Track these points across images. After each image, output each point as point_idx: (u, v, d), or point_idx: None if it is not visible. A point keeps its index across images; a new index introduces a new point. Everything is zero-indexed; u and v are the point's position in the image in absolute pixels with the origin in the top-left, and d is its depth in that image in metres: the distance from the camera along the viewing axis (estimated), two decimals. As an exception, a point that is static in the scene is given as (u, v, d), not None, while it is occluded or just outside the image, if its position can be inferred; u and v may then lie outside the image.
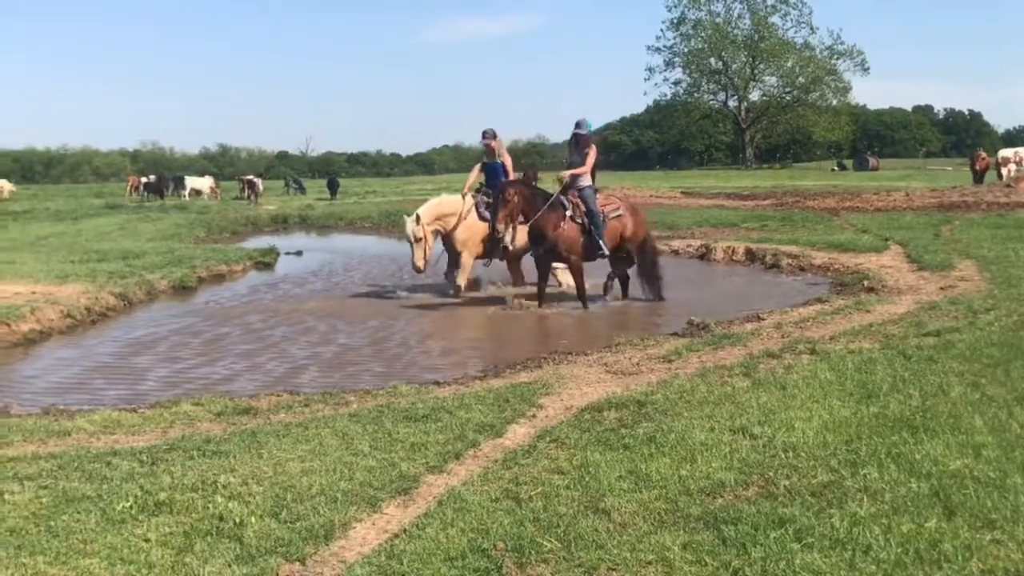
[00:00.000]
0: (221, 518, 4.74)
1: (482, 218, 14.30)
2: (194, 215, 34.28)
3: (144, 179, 55.12)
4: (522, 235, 13.23)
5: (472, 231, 14.35)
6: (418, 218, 14.06)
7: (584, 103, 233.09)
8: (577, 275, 13.05)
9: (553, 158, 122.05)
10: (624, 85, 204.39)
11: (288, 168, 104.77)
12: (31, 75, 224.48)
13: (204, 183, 54.25)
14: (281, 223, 34.62)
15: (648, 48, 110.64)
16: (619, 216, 13.43)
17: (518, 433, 6.26)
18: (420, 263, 14.10)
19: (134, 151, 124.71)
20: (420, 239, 14.01)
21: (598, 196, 13.34)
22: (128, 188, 56.14)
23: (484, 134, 14.74)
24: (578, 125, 13.33)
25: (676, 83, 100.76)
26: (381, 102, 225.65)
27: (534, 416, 6.68)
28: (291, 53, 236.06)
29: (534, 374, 8.33)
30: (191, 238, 25.88)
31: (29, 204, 46.57)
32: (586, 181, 13.14)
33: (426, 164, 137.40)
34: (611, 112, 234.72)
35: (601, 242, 12.88)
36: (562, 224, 12.64)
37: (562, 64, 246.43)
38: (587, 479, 5.10)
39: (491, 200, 13.82)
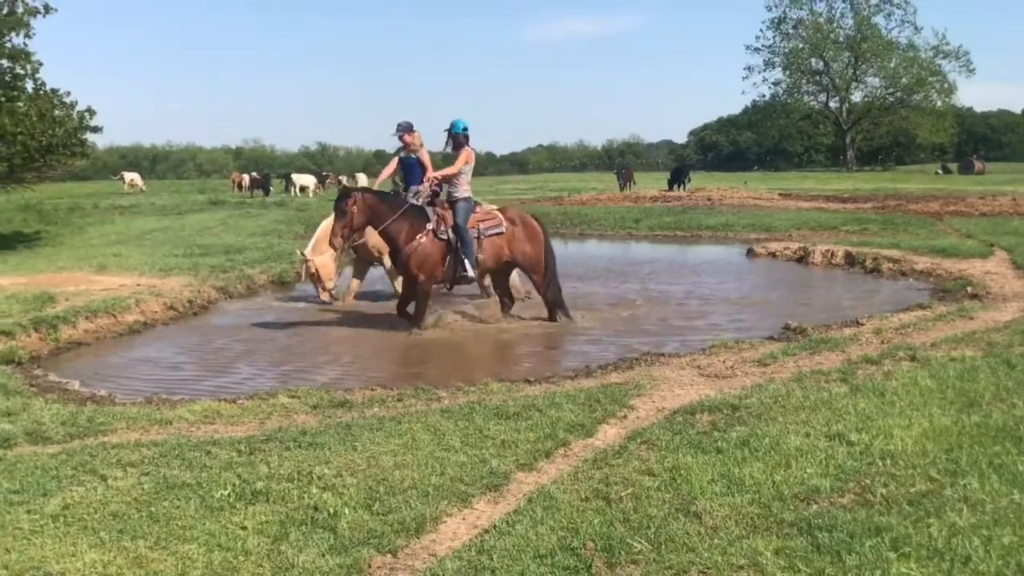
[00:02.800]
0: (316, 508, 4.83)
1: None
2: (293, 212, 34.85)
3: (248, 175, 57.02)
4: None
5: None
6: (304, 257, 13.47)
7: (680, 102, 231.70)
8: (421, 296, 11.58)
9: (648, 158, 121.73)
10: (721, 85, 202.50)
11: (384, 166, 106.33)
12: (140, 74, 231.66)
13: (309, 180, 55.75)
14: (377, 220, 34.95)
15: (747, 48, 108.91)
16: (500, 233, 11.85)
17: (609, 433, 6.25)
18: (324, 296, 13.29)
19: (236, 148, 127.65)
20: (312, 274, 13.41)
21: (477, 210, 11.96)
22: (232, 185, 57.92)
23: (398, 127, 12.96)
24: (452, 126, 11.99)
25: (775, 83, 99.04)
26: (476, 101, 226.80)
27: (625, 417, 6.66)
28: (389, 52, 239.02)
29: (625, 375, 8.29)
30: (290, 234, 26.31)
31: (135, 199, 47.95)
32: (462, 192, 11.76)
33: (520, 164, 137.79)
34: (708, 112, 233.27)
35: (467, 262, 11.47)
36: (419, 237, 11.32)
37: (658, 64, 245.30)
38: (678, 481, 5.07)
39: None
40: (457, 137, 11.94)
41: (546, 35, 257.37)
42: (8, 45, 23.41)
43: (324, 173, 64.31)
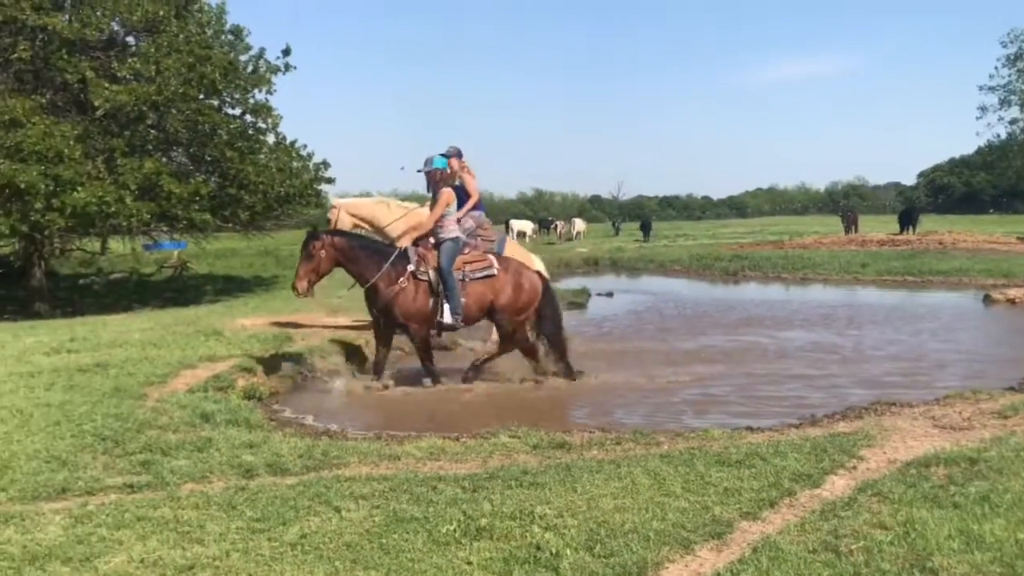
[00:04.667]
0: (538, 547, 4.88)
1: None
2: (512, 256, 35.55)
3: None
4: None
5: None
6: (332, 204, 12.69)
7: (908, 143, 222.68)
8: (420, 346, 10.91)
9: (875, 201, 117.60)
10: (953, 124, 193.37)
11: (599, 211, 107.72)
12: (365, 124, 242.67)
13: (527, 225, 57.06)
14: (592, 265, 35.34)
15: (980, 88, 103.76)
16: (489, 277, 10.94)
17: (837, 484, 6.04)
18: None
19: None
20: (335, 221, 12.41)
21: (467, 251, 11.13)
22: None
23: (447, 151, 12.15)
24: (425, 163, 11.21)
25: (1012, 122, 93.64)
26: (693, 144, 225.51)
27: (854, 468, 6.42)
28: (604, 98, 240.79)
29: (854, 425, 7.99)
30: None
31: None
32: (448, 232, 10.92)
33: (739, 207, 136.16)
34: (939, 152, 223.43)
35: (447, 306, 10.63)
36: (401, 281, 10.58)
37: (885, 103, 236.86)
38: (912, 536, 4.84)
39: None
40: (435, 175, 11.20)
41: (760, 77, 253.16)
42: (251, 100, 25.16)
43: (549, 219, 65.34)
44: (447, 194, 10.96)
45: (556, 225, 58.21)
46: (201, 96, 23.27)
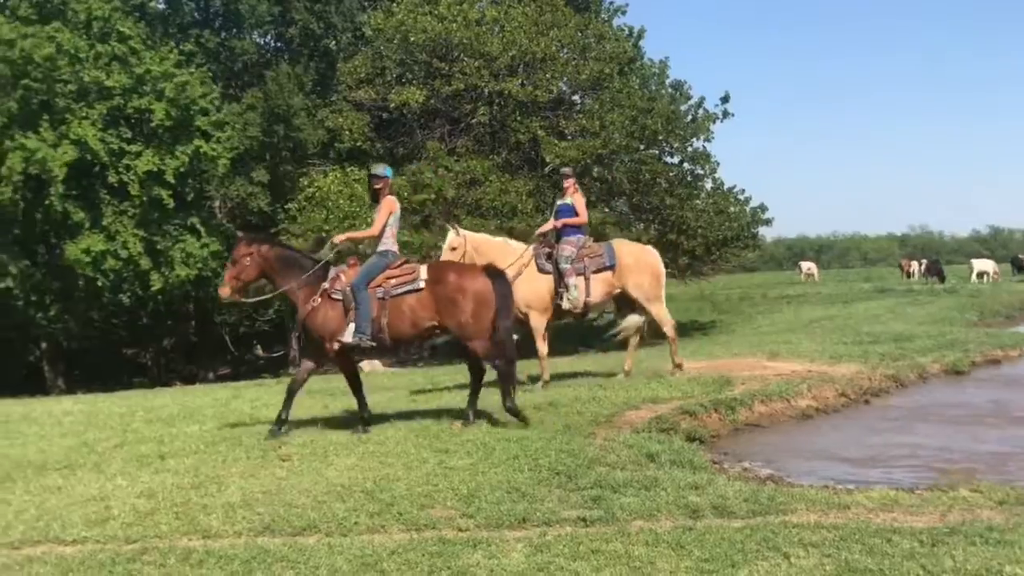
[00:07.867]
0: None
1: (541, 270, 12.76)
2: (965, 299, 33.26)
3: (917, 262, 56.29)
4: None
5: (534, 287, 12.72)
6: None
7: None
8: (345, 370, 10.40)
9: None
10: None
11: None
12: (805, 170, 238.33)
13: (988, 265, 53.27)
14: (1066, 308, 32.10)
15: None
16: (413, 291, 9.71)
17: None
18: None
19: (902, 235, 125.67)
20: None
21: (399, 264, 9.95)
22: (901, 272, 57.56)
23: (562, 171, 12.93)
24: (372, 170, 10.56)
25: None
26: None
27: None
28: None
29: None
30: (962, 322, 25.13)
31: (802, 289, 49.17)
32: (382, 245, 10.08)
33: None
34: None
35: (350, 325, 9.57)
36: (314, 300, 9.72)
37: None
38: None
39: (551, 249, 12.99)
40: (374, 183, 10.38)
41: None
42: (690, 148, 25.81)
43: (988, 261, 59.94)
44: (389, 202, 10.28)
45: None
46: (642, 147, 24.29)
